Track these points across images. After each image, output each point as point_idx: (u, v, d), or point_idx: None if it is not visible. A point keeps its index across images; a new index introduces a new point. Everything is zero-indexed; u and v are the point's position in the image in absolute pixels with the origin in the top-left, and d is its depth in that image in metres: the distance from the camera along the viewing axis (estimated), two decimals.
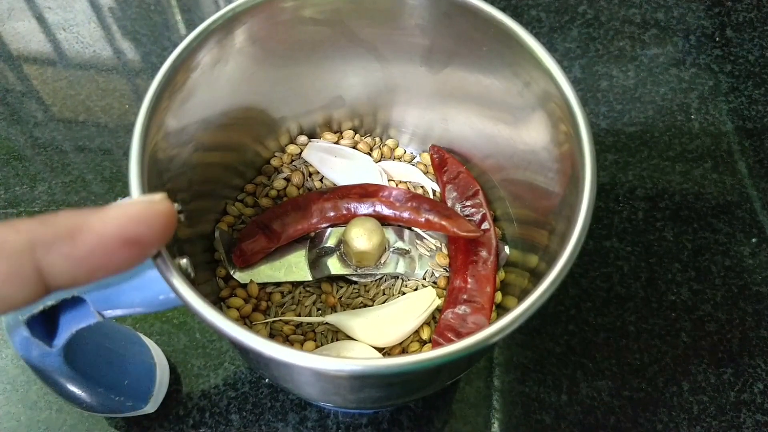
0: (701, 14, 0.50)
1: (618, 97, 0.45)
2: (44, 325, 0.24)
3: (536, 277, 0.27)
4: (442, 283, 0.32)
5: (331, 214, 0.32)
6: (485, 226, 0.32)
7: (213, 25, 0.24)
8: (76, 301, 0.23)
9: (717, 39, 0.49)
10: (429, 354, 0.18)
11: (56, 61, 0.47)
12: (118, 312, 0.24)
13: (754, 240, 0.39)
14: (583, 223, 0.21)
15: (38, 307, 0.22)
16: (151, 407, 0.32)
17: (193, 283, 0.22)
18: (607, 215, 0.40)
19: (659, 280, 0.38)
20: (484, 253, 0.31)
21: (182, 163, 0.26)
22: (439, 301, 0.31)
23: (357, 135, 0.36)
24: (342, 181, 0.35)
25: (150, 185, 0.22)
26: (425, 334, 0.31)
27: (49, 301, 0.22)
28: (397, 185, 0.35)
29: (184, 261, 0.23)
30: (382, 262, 0.32)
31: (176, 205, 0.25)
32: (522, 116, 0.28)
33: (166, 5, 0.50)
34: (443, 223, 0.31)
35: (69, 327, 0.24)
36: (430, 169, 0.36)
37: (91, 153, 0.42)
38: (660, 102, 0.45)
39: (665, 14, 0.50)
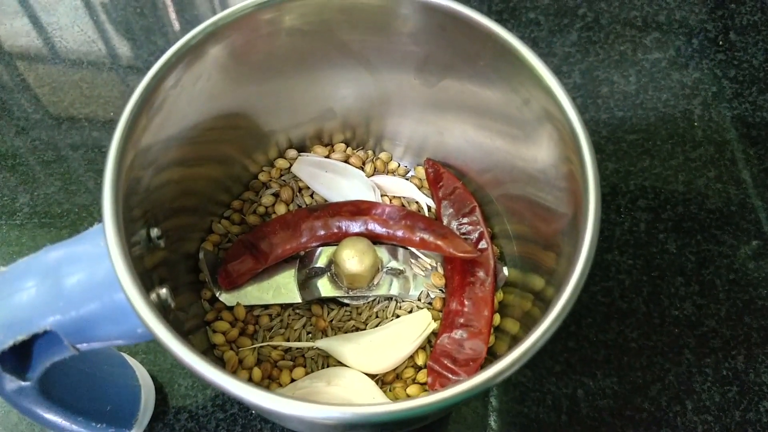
0: (704, 17, 0.49)
1: (619, 103, 0.44)
2: (17, 358, 0.23)
3: (542, 301, 0.26)
4: (437, 304, 0.31)
5: (322, 232, 0.31)
6: (482, 245, 0.31)
7: (193, 40, 0.24)
8: (48, 335, 0.22)
9: (720, 43, 0.48)
10: (424, 400, 0.17)
11: (39, 66, 0.45)
12: (95, 345, 0.23)
13: (758, 249, 0.38)
14: (587, 251, 0.20)
15: (8, 343, 0.21)
16: None
17: (170, 313, 0.21)
18: (608, 227, 0.39)
19: (662, 294, 0.37)
20: (481, 274, 0.30)
21: (164, 181, 0.25)
22: (434, 325, 0.30)
23: (349, 148, 0.35)
24: (333, 197, 0.34)
25: (126, 206, 0.21)
26: (420, 360, 0.30)
27: (20, 336, 0.21)
28: (390, 200, 0.34)
29: (163, 291, 0.22)
30: (375, 283, 0.31)
31: (155, 230, 0.24)
32: (521, 131, 0.27)
33: (160, 6, 0.49)
34: (438, 243, 0.29)
35: (42, 361, 0.23)
36: (425, 184, 0.35)
37: (75, 162, 0.41)
38: (662, 108, 0.44)
39: (667, 17, 0.49)
